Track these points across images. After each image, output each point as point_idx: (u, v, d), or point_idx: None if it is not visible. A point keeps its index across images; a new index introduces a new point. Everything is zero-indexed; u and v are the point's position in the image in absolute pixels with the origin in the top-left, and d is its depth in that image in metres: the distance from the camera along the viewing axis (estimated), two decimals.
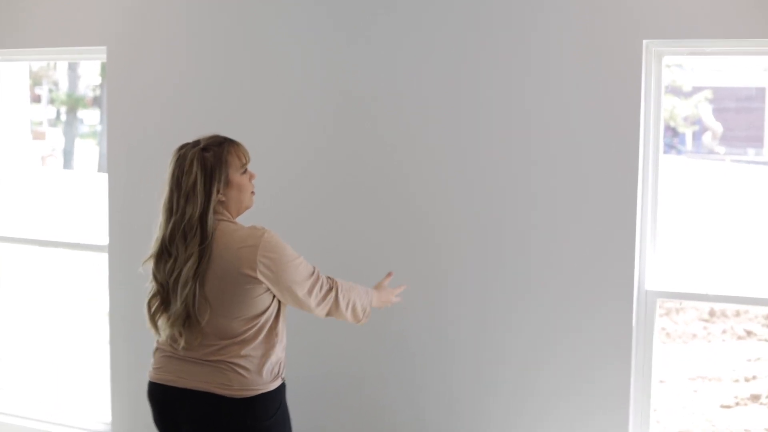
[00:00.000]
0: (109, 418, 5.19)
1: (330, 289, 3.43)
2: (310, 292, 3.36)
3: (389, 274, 3.82)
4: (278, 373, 3.39)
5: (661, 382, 7.96)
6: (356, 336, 4.45)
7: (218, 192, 3.29)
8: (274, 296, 3.33)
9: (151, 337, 3.46)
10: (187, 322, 3.29)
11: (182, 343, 3.31)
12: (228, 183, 3.32)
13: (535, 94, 4.08)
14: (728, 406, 7.66)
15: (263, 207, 3.81)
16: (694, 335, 9.62)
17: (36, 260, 5.74)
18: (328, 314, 3.48)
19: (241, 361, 3.30)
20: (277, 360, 3.38)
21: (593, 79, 3.98)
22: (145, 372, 4.79)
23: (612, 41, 3.95)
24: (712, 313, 9.98)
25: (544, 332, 4.14)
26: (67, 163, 20.70)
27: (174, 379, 3.39)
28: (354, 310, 3.52)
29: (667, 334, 9.56)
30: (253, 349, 3.31)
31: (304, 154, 4.49)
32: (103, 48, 4.88)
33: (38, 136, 20.11)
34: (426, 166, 4.30)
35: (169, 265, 3.29)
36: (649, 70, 3.97)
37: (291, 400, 3.58)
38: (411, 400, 4.43)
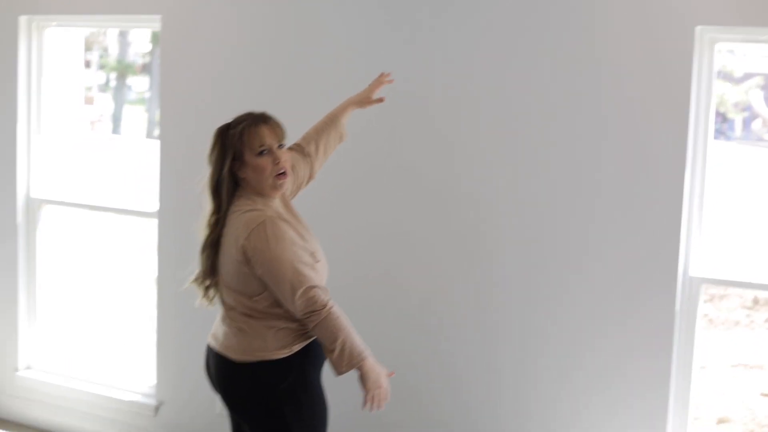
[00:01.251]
0: (153, 381, 5.27)
1: (315, 312, 3.21)
2: (290, 301, 3.24)
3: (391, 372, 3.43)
4: (289, 343, 3.35)
5: (702, 368, 7.92)
6: (399, 324, 4.48)
7: (231, 169, 3.34)
8: None
9: (199, 306, 3.54)
10: (206, 284, 3.43)
11: (204, 303, 3.48)
12: (243, 162, 3.34)
13: (586, 78, 4.07)
14: None
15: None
16: (737, 322, 9.55)
17: (84, 225, 5.82)
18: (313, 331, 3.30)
19: (245, 326, 3.35)
20: (288, 330, 3.35)
21: (645, 64, 3.96)
22: (189, 337, 4.88)
23: (665, 27, 3.93)
24: (756, 301, 9.91)
25: (587, 317, 4.15)
26: (116, 128, 20.85)
27: (210, 337, 3.51)
28: (341, 350, 3.22)
29: (710, 321, 9.51)
30: (259, 317, 3.33)
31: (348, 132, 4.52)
32: (158, 17, 4.93)
33: (87, 101, 20.23)
34: (472, 148, 4.31)
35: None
36: (701, 56, 3.95)
37: (332, 387, 3.58)
38: (453, 386, 4.47)
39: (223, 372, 3.40)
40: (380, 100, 3.83)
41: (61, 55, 5.52)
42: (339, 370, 3.26)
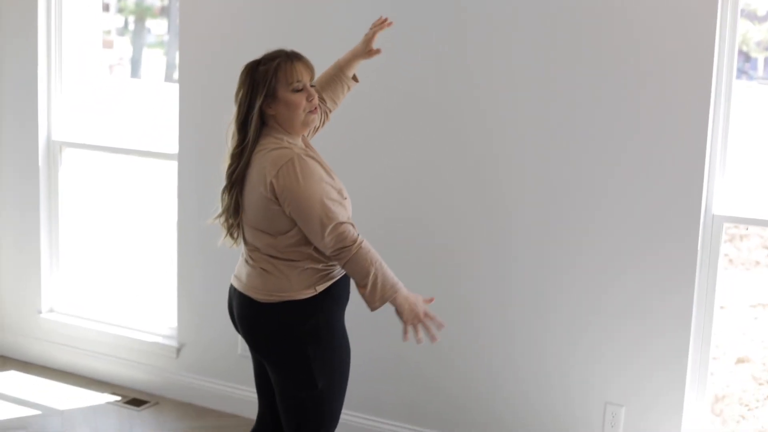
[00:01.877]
0: (175, 323, 5.31)
1: (346, 248, 3.22)
2: (320, 238, 3.24)
3: (431, 299, 3.40)
4: (313, 283, 3.34)
5: (722, 307, 7.92)
6: (418, 268, 4.49)
7: (262, 105, 3.30)
8: None
9: (218, 246, 3.53)
10: (230, 222, 3.40)
11: (228, 243, 3.45)
12: (275, 98, 3.31)
13: (606, 18, 4.03)
14: None
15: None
16: (757, 262, 9.53)
17: (106, 168, 5.83)
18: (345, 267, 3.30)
19: (269, 267, 3.33)
20: (312, 270, 3.33)
21: (669, 3, 3.92)
22: (210, 279, 4.89)
23: None
24: None
25: (609, 254, 4.15)
26: (135, 72, 20.81)
27: (233, 278, 3.50)
28: (374, 284, 3.23)
29: (730, 261, 9.49)
30: (282, 257, 3.32)
31: (370, 77, 4.48)
32: None
33: (106, 44, 20.15)
34: (499, 94, 4.29)
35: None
36: None
37: (354, 330, 3.60)
38: (469, 330, 4.48)
39: (247, 312, 3.40)
40: (377, 51, 3.75)
41: None
42: (373, 305, 3.27)
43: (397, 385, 4.68)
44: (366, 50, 3.76)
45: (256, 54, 3.38)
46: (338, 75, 3.77)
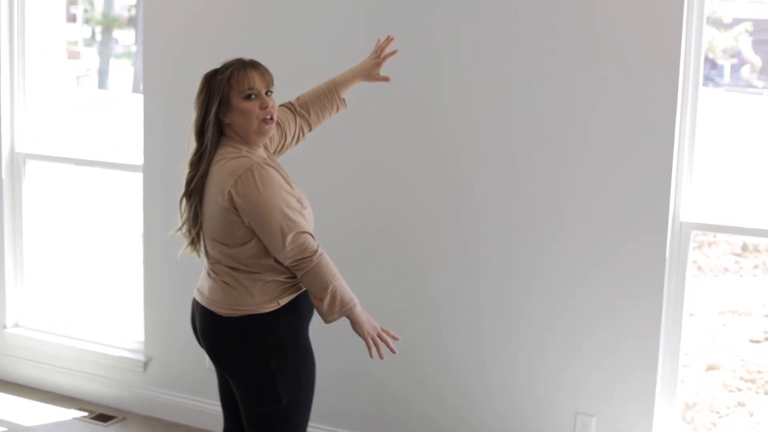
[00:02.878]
0: (142, 337, 5.25)
1: (305, 258, 3.20)
2: (279, 248, 3.19)
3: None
4: (276, 296, 3.29)
5: (691, 315, 7.95)
6: (381, 273, 4.47)
7: (218, 113, 3.27)
8: None
9: (188, 259, 3.49)
10: (191, 233, 3.35)
11: (188, 253, 3.41)
12: (229, 106, 3.27)
13: (573, 23, 4.03)
14: (758, 341, 7.65)
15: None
16: (726, 269, 9.59)
17: (71, 180, 5.78)
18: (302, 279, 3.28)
19: (231, 280, 3.29)
20: (275, 282, 3.29)
21: (636, 10, 3.92)
22: (177, 292, 4.84)
23: None
24: (744, 248, 9.93)
25: (577, 261, 4.14)
26: (102, 83, 20.73)
27: (196, 292, 3.46)
28: (332, 298, 3.22)
29: (699, 268, 9.54)
30: (244, 270, 3.28)
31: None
32: None
33: (73, 55, 20.10)
34: (461, 98, 4.27)
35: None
36: (691, 2, 3.90)
37: (318, 342, 3.57)
38: (437, 333, 4.45)
39: (210, 327, 3.36)
40: (386, 78, 3.73)
41: (42, 7, 5.45)
42: (329, 318, 3.25)
43: (364, 397, 4.65)
44: (371, 74, 3.71)
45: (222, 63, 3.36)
46: (330, 93, 3.73)
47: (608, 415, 4.16)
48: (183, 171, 3.34)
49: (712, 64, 17.21)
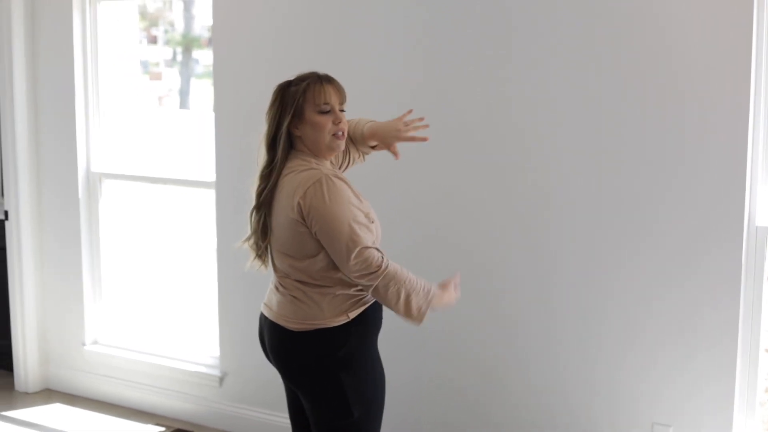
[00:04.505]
0: (217, 353, 5.28)
1: (371, 273, 3.17)
2: (345, 262, 3.18)
3: (457, 275, 3.49)
4: (345, 309, 3.28)
5: None
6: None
7: (289, 125, 3.27)
8: None
9: (257, 273, 3.49)
10: (258, 245, 3.37)
11: (257, 266, 3.43)
12: (302, 119, 3.28)
13: (648, 30, 3.96)
14: None
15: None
16: None
17: (147, 198, 5.86)
18: (372, 294, 3.26)
19: (300, 294, 3.29)
20: (344, 296, 3.28)
21: (704, 13, 3.85)
22: (251, 307, 4.86)
23: None
24: None
25: (653, 269, 4.06)
26: (183, 103, 20.94)
27: (263, 307, 3.46)
28: (407, 304, 3.21)
29: None
30: (313, 283, 3.27)
31: (404, 97, 4.45)
32: None
33: (155, 76, 20.31)
34: (533, 105, 4.24)
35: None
36: (761, 2, 3.81)
37: (388, 354, 3.56)
38: (514, 350, 4.42)
39: (279, 342, 3.35)
40: (396, 155, 3.62)
41: (116, 28, 5.54)
42: (416, 322, 3.26)
43: (437, 407, 4.61)
44: (388, 144, 3.60)
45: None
46: (357, 143, 3.65)
47: (685, 426, 4.07)
48: (253, 184, 3.35)
49: None
